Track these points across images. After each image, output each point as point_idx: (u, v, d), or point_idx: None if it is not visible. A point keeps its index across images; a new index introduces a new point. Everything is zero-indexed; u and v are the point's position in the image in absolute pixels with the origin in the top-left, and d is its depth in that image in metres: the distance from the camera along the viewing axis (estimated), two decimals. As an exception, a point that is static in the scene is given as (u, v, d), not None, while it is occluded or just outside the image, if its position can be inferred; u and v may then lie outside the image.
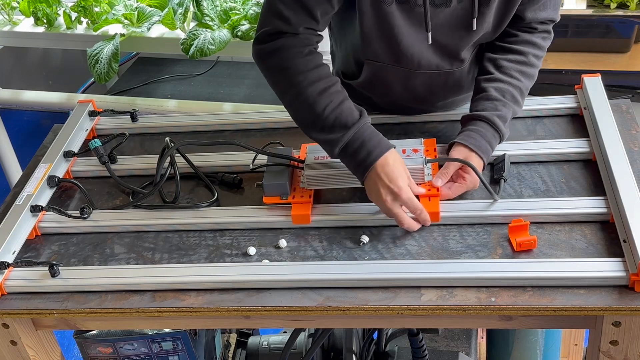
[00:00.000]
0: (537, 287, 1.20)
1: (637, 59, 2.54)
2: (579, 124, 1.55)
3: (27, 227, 1.44)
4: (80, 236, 1.44)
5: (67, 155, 1.61)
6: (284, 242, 1.35)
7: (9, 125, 3.03)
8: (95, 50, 2.44)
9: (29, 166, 1.64)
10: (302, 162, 1.43)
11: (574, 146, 1.46)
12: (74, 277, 1.32)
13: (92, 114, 1.74)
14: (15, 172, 3.05)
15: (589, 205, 1.32)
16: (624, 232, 1.24)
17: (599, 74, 1.60)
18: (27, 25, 2.73)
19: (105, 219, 1.45)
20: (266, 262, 1.32)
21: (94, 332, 1.53)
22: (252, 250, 1.34)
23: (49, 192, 1.53)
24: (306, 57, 1.35)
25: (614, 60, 2.53)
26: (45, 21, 2.66)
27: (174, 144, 1.47)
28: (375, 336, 1.78)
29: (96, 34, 2.56)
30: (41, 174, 1.54)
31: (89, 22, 2.61)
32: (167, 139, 1.48)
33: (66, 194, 1.56)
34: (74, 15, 2.61)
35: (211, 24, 2.40)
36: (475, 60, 1.51)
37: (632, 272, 1.17)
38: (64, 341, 2.42)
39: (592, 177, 1.40)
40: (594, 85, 1.57)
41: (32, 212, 1.45)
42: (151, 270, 1.32)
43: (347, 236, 1.35)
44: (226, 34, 2.36)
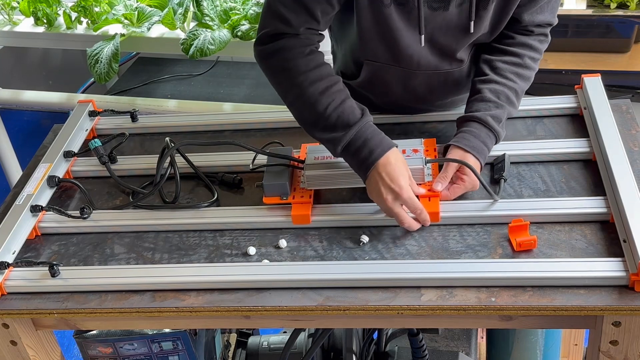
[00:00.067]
0: (537, 287, 1.19)
1: (637, 59, 2.54)
2: (579, 124, 1.54)
3: (27, 227, 1.44)
4: (80, 236, 1.44)
5: (67, 155, 1.61)
6: (284, 242, 1.35)
7: (9, 125, 3.02)
8: (95, 50, 2.44)
9: (29, 166, 1.64)
10: (302, 162, 1.43)
11: (574, 146, 1.46)
12: (74, 277, 1.32)
13: (92, 114, 1.74)
14: (15, 172, 3.05)
15: (589, 205, 1.32)
16: (624, 232, 1.24)
17: (599, 74, 1.60)
18: (27, 25, 2.73)
19: (105, 219, 1.45)
20: (266, 262, 1.32)
21: (94, 332, 1.53)
22: (252, 250, 1.34)
23: (49, 192, 1.53)
24: (307, 57, 1.35)
25: (614, 60, 2.53)
26: (45, 21, 2.66)
27: (174, 144, 1.47)
28: (375, 336, 1.78)
29: (96, 34, 2.56)
30: (41, 174, 1.54)
31: (89, 22, 2.61)
32: (167, 139, 1.49)
33: (66, 194, 1.56)
34: (74, 15, 2.61)
35: (211, 24, 2.40)
36: (474, 60, 1.51)
37: (632, 272, 1.17)
38: (64, 341, 2.42)
39: (592, 177, 1.40)
40: (594, 85, 1.57)
41: (32, 212, 1.45)
42: (151, 270, 1.32)
43: (347, 236, 1.35)
44: (226, 34, 2.36)
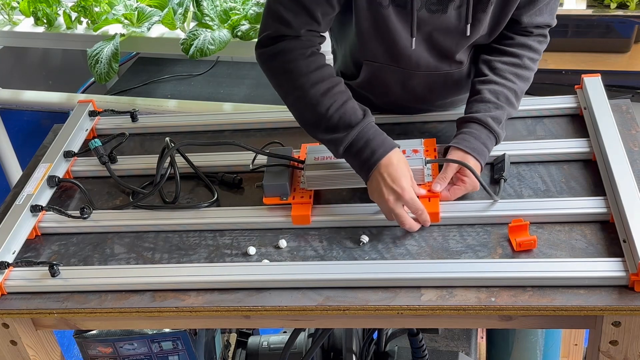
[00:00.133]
0: (537, 287, 1.19)
1: (637, 59, 2.54)
2: (579, 124, 1.54)
3: (27, 227, 1.44)
4: (80, 236, 1.44)
5: (67, 155, 1.61)
6: (284, 243, 1.35)
7: (9, 125, 3.02)
8: (95, 50, 2.44)
9: (29, 166, 1.64)
10: (302, 162, 1.43)
11: (574, 146, 1.46)
12: (74, 277, 1.32)
13: (92, 114, 1.74)
14: (15, 172, 3.05)
15: (589, 205, 1.32)
16: (624, 232, 1.24)
17: (599, 74, 1.60)
18: (27, 25, 2.73)
19: (105, 219, 1.45)
20: (266, 262, 1.32)
21: (94, 332, 1.53)
22: (252, 250, 1.34)
23: (49, 192, 1.53)
24: (308, 58, 1.35)
25: (614, 60, 2.53)
26: (45, 21, 2.66)
27: (174, 144, 1.47)
28: (375, 336, 1.78)
29: (96, 34, 2.56)
30: (41, 174, 1.54)
31: (89, 22, 2.61)
32: (167, 139, 1.48)
33: (66, 194, 1.56)
34: (74, 15, 2.61)
35: (211, 24, 2.40)
36: (474, 60, 1.51)
37: (632, 272, 1.17)
38: (64, 341, 2.42)
39: (592, 177, 1.40)
40: (594, 85, 1.57)
41: (32, 212, 1.45)
42: (151, 270, 1.32)
43: (347, 236, 1.35)
44: (226, 34, 2.36)
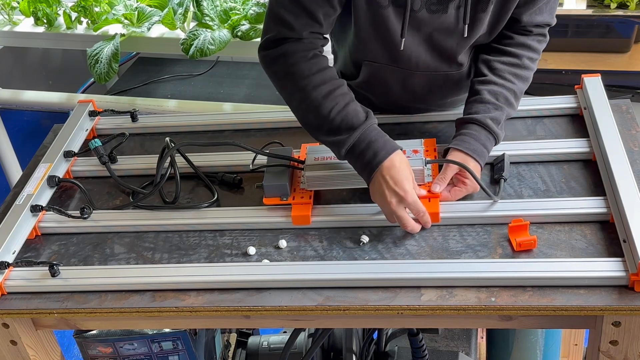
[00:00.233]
0: (537, 287, 1.19)
1: (637, 59, 2.54)
2: (579, 124, 1.54)
3: (27, 227, 1.44)
4: (80, 236, 1.44)
5: (67, 155, 1.61)
6: (283, 243, 1.35)
7: (9, 125, 3.02)
8: (95, 50, 2.44)
9: (29, 166, 1.64)
10: (302, 162, 1.43)
11: (574, 146, 1.46)
12: (74, 277, 1.32)
13: (92, 114, 1.74)
14: (15, 172, 3.05)
15: (589, 205, 1.32)
16: (624, 232, 1.24)
17: (599, 74, 1.60)
18: (27, 25, 2.73)
19: (105, 219, 1.45)
20: (266, 262, 1.32)
21: (94, 332, 1.53)
22: (252, 250, 1.34)
23: (49, 192, 1.53)
24: (310, 60, 1.35)
25: (614, 60, 2.53)
26: (45, 21, 2.66)
27: (174, 144, 1.47)
28: (375, 336, 1.78)
29: (96, 34, 2.56)
30: (41, 174, 1.54)
31: (89, 22, 2.61)
32: (167, 139, 1.48)
33: (66, 194, 1.56)
34: (74, 15, 2.61)
35: (211, 24, 2.40)
36: (473, 60, 1.51)
37: (632, 272, 1.17)
38: (64, 341, 2.42)
39: (592, 177, 1.40)
40: (594, 85, 1.57)
41: (32, 212, 1.45)
42: (151, 270, 1.32)
43: (347, 236, 1.35)
44: (226, 34, 2.36)
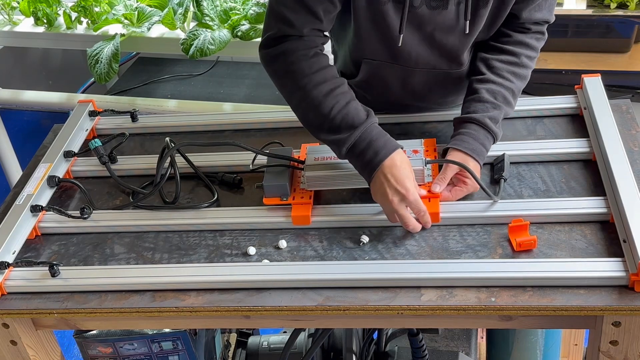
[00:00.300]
0: (537, 287, 1.20)
1: (637, 59, 2.54)
2: (579, 124, 1.54)
3: (27, 227, 1.44)
4: (80, 236, 1.44)
5: (67, 155, 1.61)
6: (283, 243, 1.35)
7: (9, 125, 3.02)
8: (95, 50, 2.44)
9: (29, 166, 1.64)
10: (302, 162, 1.43)
11: (574, 146, 1.46)
12: (74, 277, 1.32)
13: (92, 114, 1.74)
14: (15, 172, 3.05)
15: (589, 205, 1.32)
16: (624, 232, 1.24)
17: (599, 74, 1.60)
18: (27, 25, 2.73)
19: (105, 219, 1.45)
20: (266, 262, 1.31)
21: (94, 332, 1.53)
22: (252, 250, 1.34)
23: (49, 192, 1.53)
24: (311, 59, 1.35)
25: (614, 60, 2.53)
26: (45, 21, 2.66)
27: (174, 144, 1.47)
28: (375, 336, 1.78)
29: (96, 34, 2.56)
30: (41, 174, 1.54)
31: (89, 22, 2.61)
32: (167, 139, 1.48)
33: (66, 194, 1.56)
34: (74, 15, 2.61)
35: (211, 24, 2.40)
36: (472, 59, 1.51)
37: (632, 272, 1.17)
38: (64, 341, 2.42)
39: (592, 177, 1.40)
40: (594, 85, 1.57)
41: (32, 212, 1.45)
42: (151, 270, 1.32)
43: (347, 236, 1.35)
44: (226, 34, 2.36)
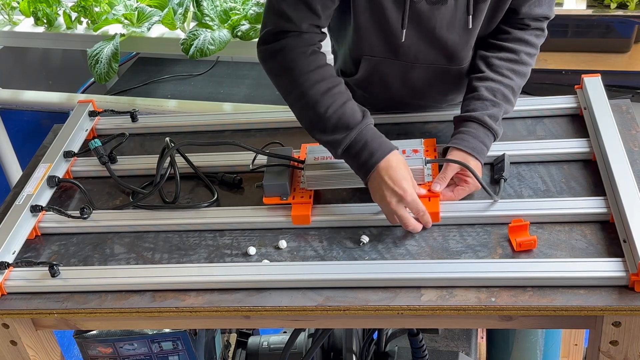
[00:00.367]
0: (537, 287, 1.19)
1: (637, 59, 2.55)
2: (579, 124, 1.54)
3: (27, 227, 1.44)
4: (80, 236, 1.44)
5: (67, 155, 1.61)
6: (283, 243, 1.35)
7: (9, 125, 3.02)
8: (95, 50, 2.44)
9: (29, 166, 1.64)
10: (302, 162, 1.43)
11: (574, 146, 1.46)
12: (74, 277, 1.32)
13: (92, 114, 1.74)
14: (15, 172, 3.05)
15: (589, 205, 1.32)
16: (624, 232, 1.24)
17: (599, 74, 1.60)
18: (27, 25, 2.73)
19: (105, 219, 1.45)
20: (266, 262, 1.32)
21: (94, 332, 1.53)
22: (252, 250, 1.34)
23: (49, 192, 1.53)
24: (309, 57, 1.35)
25: (614, 60, 2.53)
26: (45, 21, 2.66)
27: (174, 144, 1.47)
28: (375, 336, 1.78)
29: (96, 34, 2.56)
30: (41, 174, 1.54)
31: (89, 22, 2.61)
32: (167, 139, 1.48)
33: (66, 194, 1.56)
34: (74, 15, 2.61)
35: (211, 24, 2.40)
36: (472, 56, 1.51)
37: (632, 272, 1.17)
38: (64, 341, 2.42)
39: (592, 177, 1.40)
40: (594, 85, 1.57)
41: (32, 212, 1.45)
42: (151, 270, 1.32)
43: (347, 236, 1.35)
44: (226, 34, 2.36)
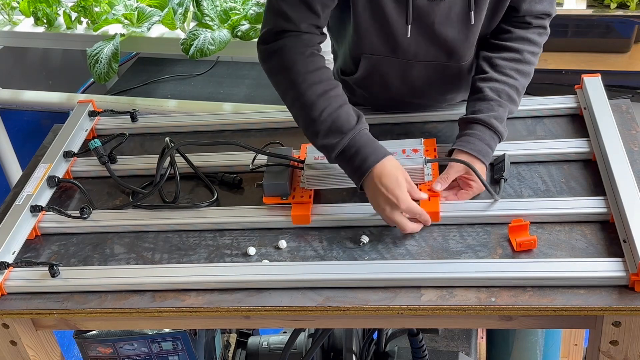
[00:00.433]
0: (537, 287, 1.19)
1: (637, 59, 2.54)
2: (579, 124, 1.54)
3: (27, 227, 1.44)
4: (80, 236, 1.44)
5: (67, 155, 1.61)
6: (283, 243, 1.35)
7: (9, 125, 3.02)
8: (95, 50, 2.44)
9: (29, 166, 1.64)
10: (302, 162, 1.43)
11: (574, 146, 1.46)
12: (74, 277, 1.32)
13: (92, 114, 1.74)
14: (15, 172, 3.05)
15: (589, 205, 1.32)
16: (624, 232, 1.24)
17: (599, 74, 1.60)
18: (27, 25, 2.73)
19: (105, 219, 1.45)
20: (266, 262, 1.31)
21: (94, 332, 1.53)
22: (252, 250, 1.34)
23: (49, 192, 1.53)
24: (307, 58, 1.35)
25: (614, 60, 2.53)
26: (45, 21, 2.66)
27: (174, 144, 1.47)
28: (375, 336, 1.78)
29: (96, 34, 2.56)
30: (41, 174, 1.54)
31: (89, 22, 2.61)
32: (167, 139, 1.49)
33: (66, 194, 1.56)
34: (74, 15, 2.61)
35: (211, 24, 2.40)
36: (474, 56, 1.51)
37: (632, 272, 1.17)
38: (64, 341, 2.42)
39: (592, 177, 1.40)
40: (594, 85, 1.57)
41: (32, 212, 1.45)
42: (151, 270, 1.32)
43: (347, 236, 1.35)
44: (226, 34, 2.36)
